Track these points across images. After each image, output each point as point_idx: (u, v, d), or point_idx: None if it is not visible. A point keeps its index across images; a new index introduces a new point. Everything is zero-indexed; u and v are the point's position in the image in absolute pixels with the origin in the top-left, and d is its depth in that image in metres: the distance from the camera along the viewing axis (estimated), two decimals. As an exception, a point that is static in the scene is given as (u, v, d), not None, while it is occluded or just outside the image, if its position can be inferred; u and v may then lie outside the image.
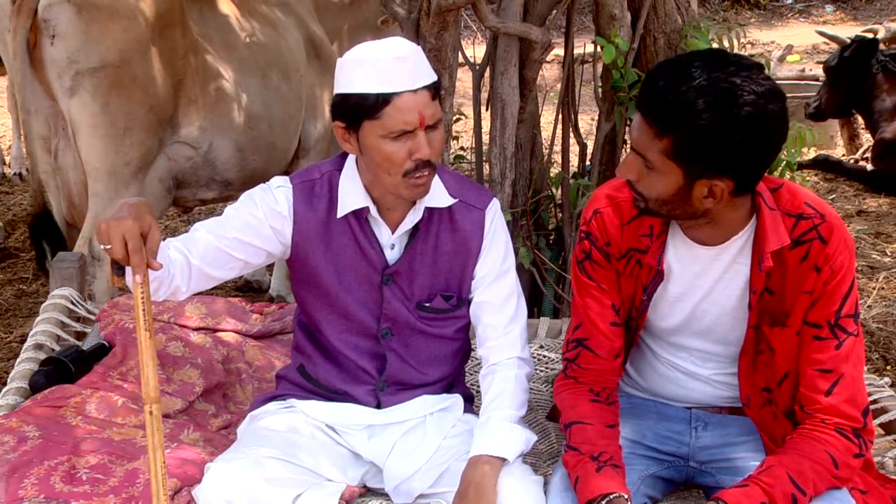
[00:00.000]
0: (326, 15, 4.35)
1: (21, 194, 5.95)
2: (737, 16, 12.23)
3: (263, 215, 2.21)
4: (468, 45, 3.91)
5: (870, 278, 4.87)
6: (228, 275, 2.25)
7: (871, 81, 6.27)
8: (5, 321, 4.40)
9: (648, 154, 1.92)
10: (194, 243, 2.17)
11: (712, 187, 1.92)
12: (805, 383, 2.04)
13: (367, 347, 2.29)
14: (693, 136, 1.85)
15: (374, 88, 2.05)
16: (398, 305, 2.27)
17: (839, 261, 1.99)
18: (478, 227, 2.28)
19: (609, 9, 3.38)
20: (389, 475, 2.22)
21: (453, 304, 2.30)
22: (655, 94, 1.87)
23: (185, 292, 2.17)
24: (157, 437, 1.92)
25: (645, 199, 1.99)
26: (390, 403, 2.31)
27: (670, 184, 1.93)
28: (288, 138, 3.97)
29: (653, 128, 1.89)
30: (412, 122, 2.06)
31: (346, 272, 2.25)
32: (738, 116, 1.83)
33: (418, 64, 2.09)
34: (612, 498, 1.93)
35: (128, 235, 1.89)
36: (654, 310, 2.16)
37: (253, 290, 4.77)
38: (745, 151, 1.86)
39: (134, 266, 1.91)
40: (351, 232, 2.23)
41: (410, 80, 2.06)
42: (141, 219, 1.92)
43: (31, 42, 3.24)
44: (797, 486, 1.91)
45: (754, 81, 1.85)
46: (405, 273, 2.26)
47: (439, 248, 2.27)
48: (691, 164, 1.89)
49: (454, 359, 2.37)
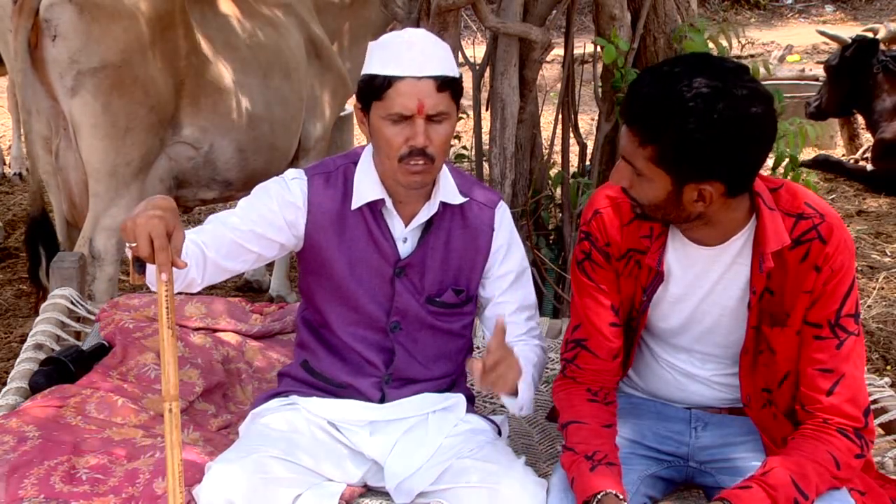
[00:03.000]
0: (326, 15, 4.35)
1: (21, 194, 5.95)
2: (737, 16, 12.24)
3: (278, 207, 2.24)
4: (468, 45, 3.91)
5: (870, 278, 4.88)
6: (242, 267, 2.26)
7: (871, 81, 6.28)
8: (5, 321, 4.40)
9: (635, 161, 1.93)
10: (209, 236, 2.18)
11: (701, 191, 1.92)
12: (806, 383, 2.04)
13: (375, 341, 2.31)
14: (676, 142, 1.85)
15: (382, 70, 2.11)
16: (409, 298, 2.29)
17: (839, 260, 1.99)
18: (488, 226, 2.32)
19: (609, 9, 3.38)
20: (390, 473, 2.22)
21: (463, 299, 2.33)
22: (637, 103, 1.89)
23: (200, 284, 2.18)
24: (175, 434, 1.91)
25: (639, 204, 2.01)
26: (394, 397, 2.31)
27: (660, 190, 1.94)
28: (289, 139, 3.97)
29: (637, 136, 1.90)
30: (411, 107, 2.09)
31: (359, 264, 2.27)
32: (719, 121, 1.82)
33: (429, 53, 2.12)
34: (600, 497, 1.94)
35: (154, 234, 1.90)
36: (655, 311, 2.16)
37: (253, 290, 4.78)
38: (730, 155, 1.86)
39: (160, 264, 1.92)
40: (365, 224, 2.26)
41: (416, 67, 2.10)
42: (166, 217, 1.93)
43: (32, 42, 3.23)
44: (799, 490, 1.91)
45: (737, 85, 1.84)
46: (417, 266, 2.28)
47: (450, 244, 2.30)
48: (678, 169, 1.89)
49: (458, 355, 2.39)
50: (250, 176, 3.74)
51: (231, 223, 2.21)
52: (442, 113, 2.13)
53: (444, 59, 2.15)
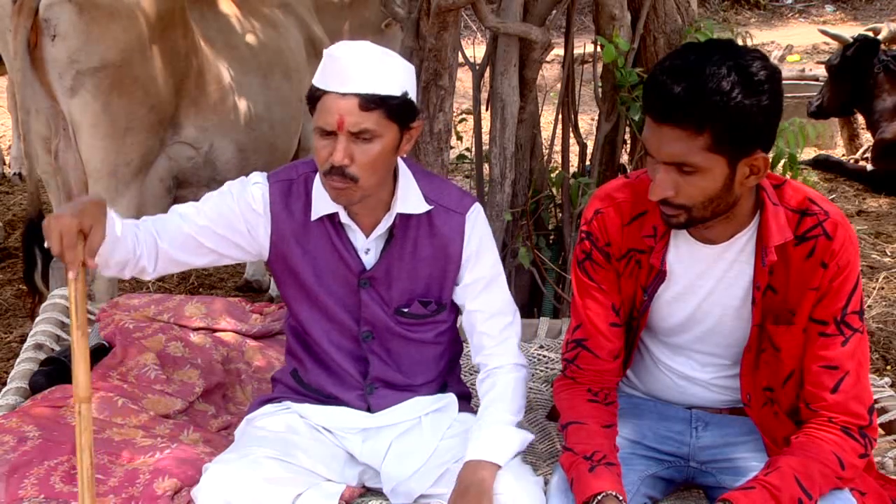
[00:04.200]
0: (326, 15, 4.35)
1: (21, 194, 5.94)
2: (737, 16, 12.24)
3: (239, 209, 2.23)
4: (468, 45, 3.91)
5: (870, 278, 4.87)
6: (199, 262, 2.26)
7: (872, 81, 6.27)
8: (5, 321, 4.40)
9: (689, 157, 1.88)
10: (165, 225, 2.19)
11: (752, 164, 1.92)
12: (810, 380, 2.03)
13: (350, 349, 2.29)
14: (730, 119, 1.84)
15: (316, 81, 2.09)
16: (376, 309, 2.26)
17: (845, 257, 1.99)
18: (457, 233, 2.25)
19: (609, 9, 3.38)
20: (387, 477, 2.22)
21: (432, 310, 2.29)
22: (677, 100, 1.85)
23: (152, 273, 2.20)
24: (84, 436, 1.90)
25: (688, 208, 1.95)
26: (381, 407, 2.30)
27: (717, 178, 1.91)
28: (289, 139, 3.97)
29: (687, 129, 1.86)
30: (331, 123, 2.04)
31: (325, 274, 2.25)
32: (758, 85, 1.85)
33: (356, 69, 2.04)
34: (600, 498, 1.94)
35: (64, 232, 1.92)
36: (655, 310, 2.16)
37: (253, 290, 4.77)
38: (772, 116, 1.89)
39: (67, 262, 1.95)
40: (327, 234, 2.23)
41: (340, 83, 2.04)
42: (82, 216, 1.94)
43: (31, 42, 3.23)
44: (804, 490, 1.91)
45: (742, 53, 1.88)
46: (382, 278, 2.24)
47: (418, 254, 2.25)
48: (735, 148, 1.88)
49: (439, 362, 2.35)
50: (250, 176, 3.73)
51: (188, 215, 2.21)
52: (367, 131, 2.04)
53: (374, 77, 2.04)
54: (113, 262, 2.10)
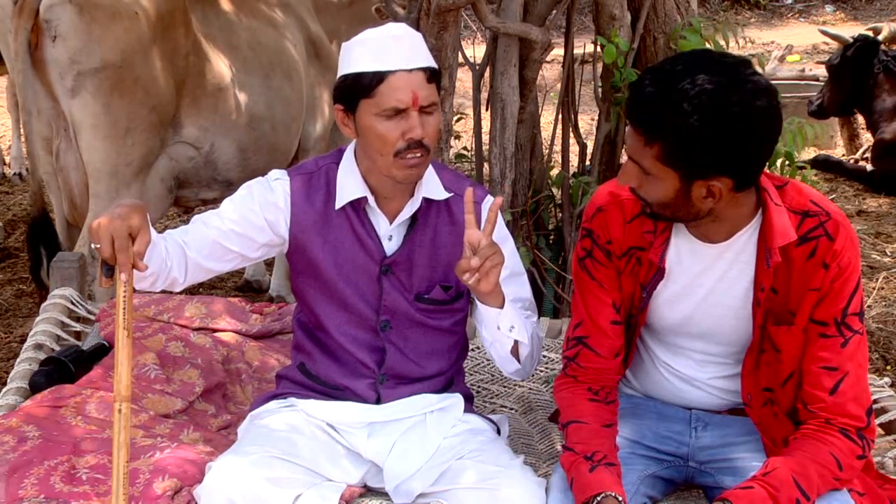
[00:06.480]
0: (326, 15, 4.35)
1: (21, 194, 5.95)
2: (737, 16, 12.24)
3: (259, 207, 2.25)
4: (468, 45, 3.91)
5: (870, 278, 4.88)
6: (225, 267, 2.28)
7: (872, 81, 6.28)
8: (5, 321, 4.40)
9: (642, 161, 1.93)
10: (191, 235, 2.21)
11: (710, 187, 1.92)
12: (809, 381, 2.03)
13: (366, 340, 2.30)
14: (683, 140, 1.85)
15: (370, 67, 2.10)
16: (397, 296, 2.28)
17: (846, 258, 1.99)
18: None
19: (609, 9, 3.39)
20: (389, 475, 2.22)
21: (452, 296, 2.31)
22: (642, 102, 1.88)
23: (182, 283, 2.21)
24: (122, 435, 1.92)
25: (648, 203, 2.00)
26: (390, 398, 2.31)
27: (668, 188, 1.93)
28: (289, 139, 3.97)
29: (642, 136, 1.90)
30: (405, 100, 2.09)
31: (345, 264, 2.26)
32: (725, 116, 1.82)
33: (415, 46, 2.14)
34: (599, 499, 1.94)
35: (115, 235, 1.94)
36: (654, 308, 2.16)
37: (253, 290, 4.78)
38: (737, 150, 1.86)
39: (119, 265, 1.96)
40: (349, 223, 2.25)
41: (405, 60, 2.10)
42: (130, 219, 1.96)
43: (32, 42, 3.24)
44: (801, 491, 1.91)
45: (739, 80, 1.84)
46: (404, 264, 2.27)
47: (438, 240, 2.28)
48: (685, 167, 1.89)
49: (451, 352, 2.37)
50: (251, 176, 3.69)
51: (212, 223, 2.24)
52: (433, 104, 2.14)
53: (424, 49, 2.17)
54: (148, 273, 2.08)
